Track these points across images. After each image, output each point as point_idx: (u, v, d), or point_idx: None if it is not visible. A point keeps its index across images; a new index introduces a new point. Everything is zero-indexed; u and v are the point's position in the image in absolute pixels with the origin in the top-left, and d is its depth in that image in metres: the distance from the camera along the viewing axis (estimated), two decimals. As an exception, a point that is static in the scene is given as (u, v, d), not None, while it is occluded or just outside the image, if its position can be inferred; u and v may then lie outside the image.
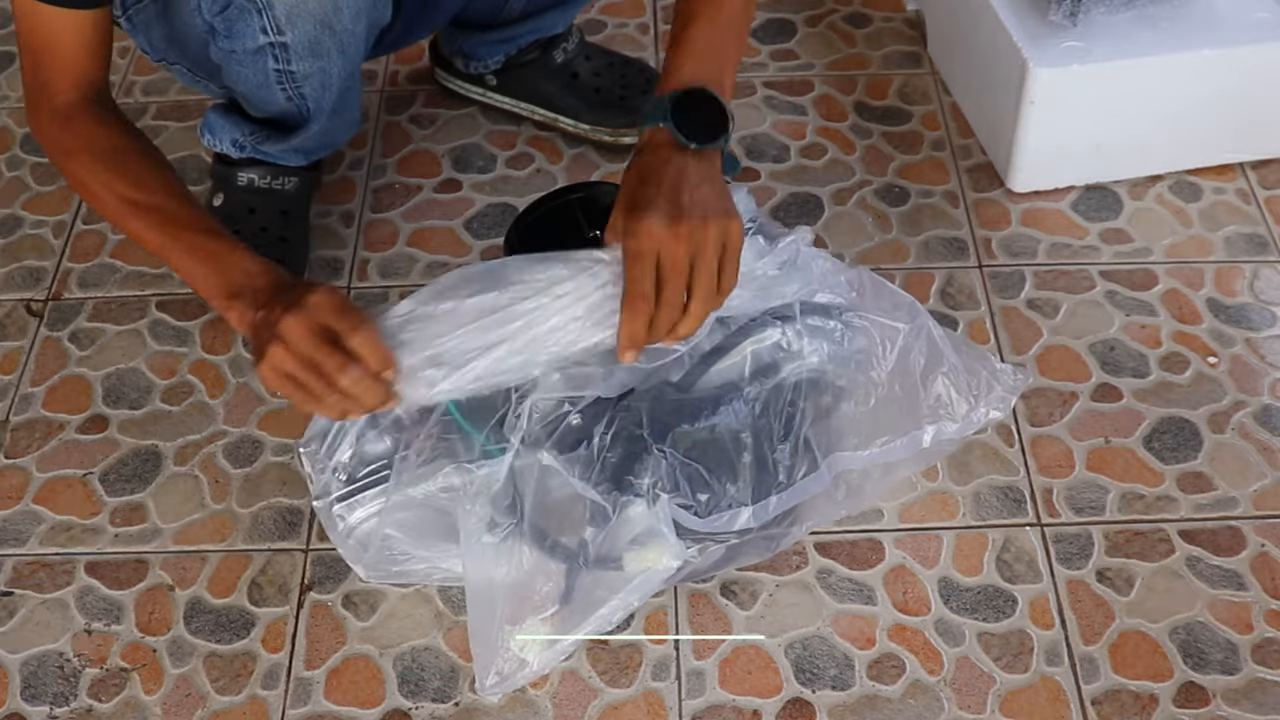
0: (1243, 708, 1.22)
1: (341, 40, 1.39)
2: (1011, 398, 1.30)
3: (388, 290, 1.58)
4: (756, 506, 1.20)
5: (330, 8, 1.36)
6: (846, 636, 1.28)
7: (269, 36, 1.35)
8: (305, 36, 1.36)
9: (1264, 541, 1.34)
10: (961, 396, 1.28)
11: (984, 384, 1.29)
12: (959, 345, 1.29)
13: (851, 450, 1.25)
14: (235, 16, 1.34)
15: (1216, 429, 1.43)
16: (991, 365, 1.30)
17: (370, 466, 1.23)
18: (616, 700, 1.24)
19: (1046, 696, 1.24)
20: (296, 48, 1.37)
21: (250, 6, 1.33)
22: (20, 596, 1.33)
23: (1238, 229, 1.63)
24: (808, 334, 1.21)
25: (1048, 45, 1.57)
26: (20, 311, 1.58)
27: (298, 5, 1.34)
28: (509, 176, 1.71)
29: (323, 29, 1.37)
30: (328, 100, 1.45)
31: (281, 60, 1.38)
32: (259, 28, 1.34)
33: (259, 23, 1.34)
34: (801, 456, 1.23)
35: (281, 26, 1.35)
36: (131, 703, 1.25)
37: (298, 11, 1.34)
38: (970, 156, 1.72)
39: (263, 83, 1.41)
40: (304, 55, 1.38)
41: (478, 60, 1.73)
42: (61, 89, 1.28)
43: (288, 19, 1.34)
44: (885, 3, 1.94)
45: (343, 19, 1.38)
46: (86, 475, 1.42)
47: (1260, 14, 1.61)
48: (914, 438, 1.26)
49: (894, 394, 1.25)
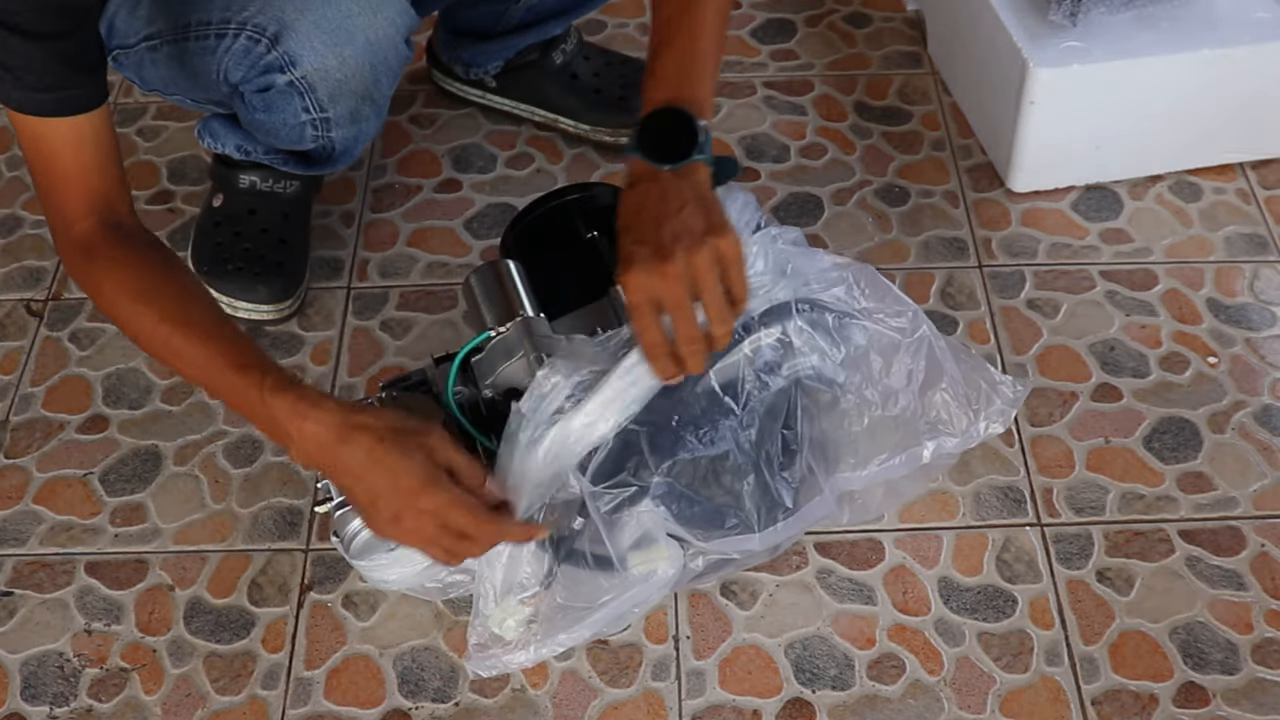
0: (1243, 708, 1.22)
1: (379, 106, 1.42)
2: (1011, 411, 1.30)
3: (388, 290, 1.58)
4: (764, 533, 1.20)
5: (370, 81, 1.37)
6: (846, 636, 1.28)
7: (310, 114, 1.36)
8: (346, 110, 1.37)
9: (1264, 541, 1.34)
10: (961, 410, 1.27)
11: (984, 397, 1.29)
12: (958, 355, 1.29)
13: (851, 470, 1.25)
14: (276, 98, 1.34)
15: (1216, 429, 1.43)
16: (991, 377, 1.30)
17: None
18: (616, 700, 1.24)
19: (1046, 696, 1.24)
20: (338, 120, 1.38)
21: (291, 91, 1.33)
22: (20, 596, 1.33)
23: (1238, 229, 1.63)
24: (807, 331, 1.21)
25: (1048, 45, 1.57)
26: (20, 311, 1.58)
27: (340, 85, 1.34)
28: (509, 176, 1.71)
29: (363, 101, 1.38)
30: (358, 149, 1.47)
31: (321, 129, 1.39)
32: (300, 107, 1.35)
33: (301, 103, 1.35)
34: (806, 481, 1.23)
35: (324, 105, 1.35)
36: (131, 703, 1.25)
37: (340, 91, 1.35)
38: (970, 156, 1.72)
39: (296, 140, 1.42)
40: (344, 124, 1.39)
41: (477, 67, 1.73)
42: (76, 217, 1.19)
43: (330, 99, 1.35)
44: (885, 3, 1.94)
45: (382, 89, 1.39)
46: (86, 475, 1.42)
47: (1260, 14, 1.61)
48: (914, 454, 1.26)
49: (893, 411, 1.25)
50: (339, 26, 1.31)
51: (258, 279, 1.52)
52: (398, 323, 1.55)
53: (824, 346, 1.22)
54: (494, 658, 1.20)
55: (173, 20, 1.35)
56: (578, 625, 1.19)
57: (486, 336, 1.21)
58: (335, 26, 1.31)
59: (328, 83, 1.34)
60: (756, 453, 1.20)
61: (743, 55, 1.86)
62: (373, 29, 1.34)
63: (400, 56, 1.40)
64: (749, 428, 1.19)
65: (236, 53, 1.31)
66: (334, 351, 1.52)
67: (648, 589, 1.19)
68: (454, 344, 1.26)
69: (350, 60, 1.33)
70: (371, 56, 1.35)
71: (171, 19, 1.35)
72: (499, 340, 1.20)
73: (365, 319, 1.56)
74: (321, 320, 1.56)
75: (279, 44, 1.30)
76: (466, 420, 1.21)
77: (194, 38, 1.34)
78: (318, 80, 1.33)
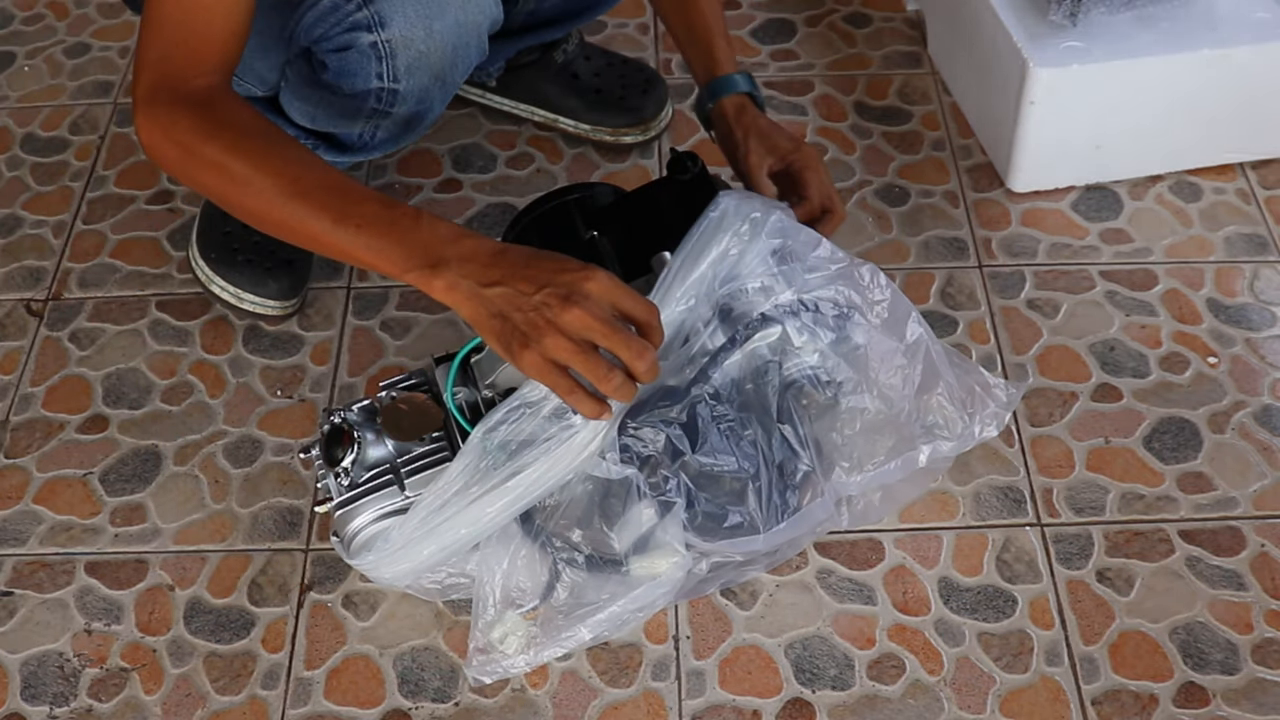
0: (1243, 708, 1.22)
1: (447, 91, 1.40)
2: (1005, 414, 1.30)
3: (388, 290, 1.58)
4: (768, 534, 1.20)
5: (449, 63, 1.35)
6: (846, 636, 1.28)
7: (383, 82, 1.33)
8: (418, 86, 1.35)
9: (1264, 541, 1.34)
10: (957, 414, 1.28)
11: (978, 400, 1.29)
12: (953, 359, 1.29)
13: (847, 475, 1.25)
14: (354, 60, 1.32)
15: (1216, 429, 1.43)
16: (985, 381, 1.30)
17: (371, 471, 1.23)
18: (616, 700, 1.24)
19: (1046, 696, 1.24)
20: (406, 95, 1.35)
21: (372, 53, 1.30)
22: (20, 596, 1.33)
23: (1238, 229, 1.63)
24: (809, 329, 1.21)
25: (1048, 45, 1.57)
26: (20, 311, 1.58)
27: (421, 57, 1.32)
28: (509, 176, 1.71)
29: (435, 81, 1.36)
30: (407, 137, 1.44)
31: (385, 101, 1.36)
32: (375, 73, 1.32)
33: (376, 69, 1.32)
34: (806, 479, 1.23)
35: (399, 75, 1.33)
36: (131, 703, 1.25)
37: (419, 64, 1.33)
38: (970, 156, 1.72)
39: (350, 114, 1.38)
40: (410, 100, 1.36)
41: (480, 68, 1.73)
42: (202, 72, 1.14)
43: (407, 70, 1.33)
44: (885, 3, 1.94)
45: (455, 74, 1.38)
46: (86, 475, 1.42)
47: (1260, 14, 1.61)
48: (910, 458, 1.26)
49: (890, 416, 1.25)
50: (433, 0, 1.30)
51: (269, 274, 1.52)
52: (398, 322, 1.55)
53: (824, 347, 1.22)
54: (494, 663, 1.20)
55: None
56: (579, 626, 1.19)
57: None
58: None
59: (410, 52, 1.31)
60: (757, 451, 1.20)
61: (743, 55, 1.86)
62: (464, 10, 1.32)
63: (480, 48, 1.38)
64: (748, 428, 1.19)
65: (323, 9, 1.30)
66: (334, 351, 1.52)
67: (651, 592, 1.19)
68: (454, 344, 1.26)
69: (437, 34, 1.31)
70: (456, 37, 1.33)
71: None
72: None
73: (365, 319, 1.56)
74: (321, 320, 1.56)
75: (371, 3, 1.28)
76: (465, 420, 1.21)
77: None
78: (400, 47, 1.30)
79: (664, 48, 1.88)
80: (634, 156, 1.72)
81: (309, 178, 1.10)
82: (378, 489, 1.22)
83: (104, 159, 1.75)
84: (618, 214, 1.34)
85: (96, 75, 1.87)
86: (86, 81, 1.86)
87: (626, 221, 1.33)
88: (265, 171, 1.10)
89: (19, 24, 1.96)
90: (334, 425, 1.26)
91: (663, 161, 1.71)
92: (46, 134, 1.79)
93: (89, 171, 1.73)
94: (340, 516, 1.22)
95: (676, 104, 1.78)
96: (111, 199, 1.70)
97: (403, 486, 1.22)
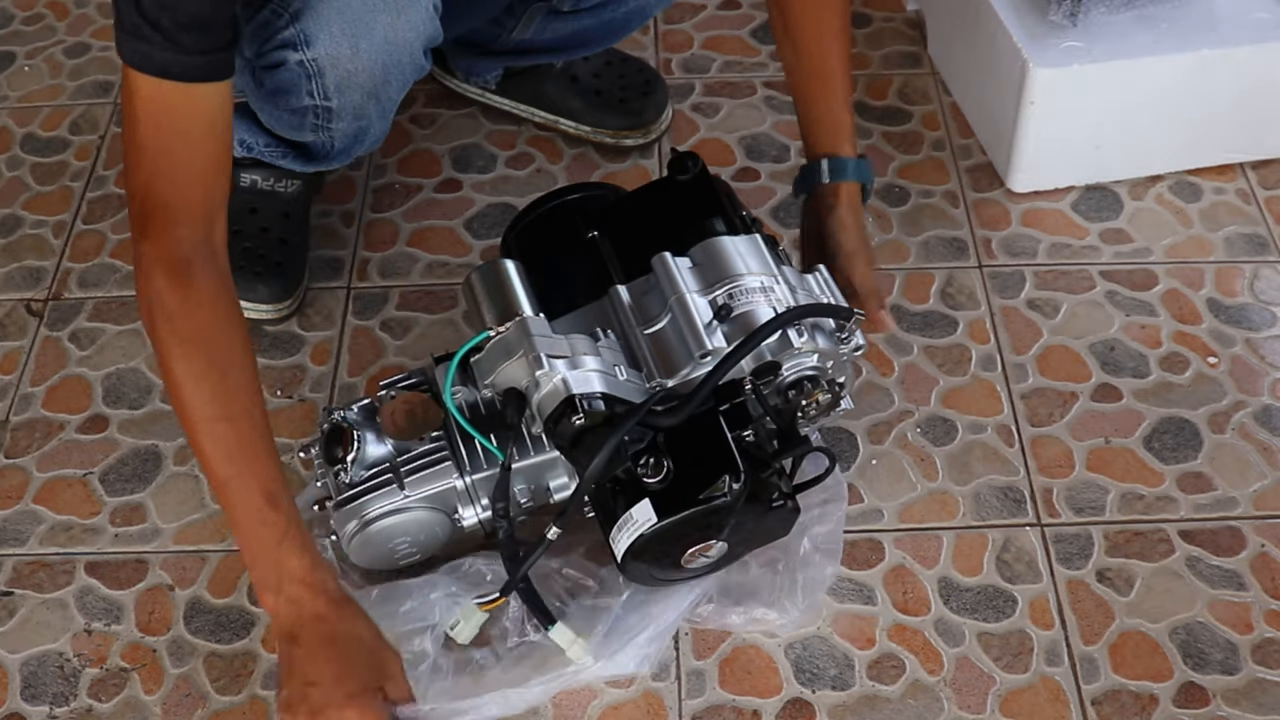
0: (1243, 708, 1.22)
1: (384, 107, 1.40)
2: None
3: (388, 290, 1.58)
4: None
5: (380, 80, 1.35)
6: (846, 636, 1.28)
7: (314, 100, 1.34)
8: (351, 104, 1.36)
9: (1264, 541, 1.34)
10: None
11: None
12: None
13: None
14: (285, 78, 1.33)
15: (1216, 429, 1.43)
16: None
17: (370, 470, 1.23)
18: (617, 700, 1.24)
19: (1046, 696, 1.24)
20: (340, 112, 1.36)
21: (301, 71, 1.31)
22: (20, 596, 1.33)
23: (1238, 229, 1.63)
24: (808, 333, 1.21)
25: (1048, 45, 1.57)
26: (20, 311, 1.58)
27: (350, 76, 1.33)
28: (509, 176, 1.71)
29: (369, 98, 1.37)
30: (357, 150, 1.45)
31: (322, 118, 1.37)
32: (306, 91, 1.34)
33: (307, 87, 1.33)
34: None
35: (329, 94, 1.34)
36: (131, 703, 1.25)
37: (348, 83, 1.33)
38: (970, 156, 1.72)
39: (296, 127, 1.40)
40: (345, 118, 1.37)
41: (477, 76, 1.74)
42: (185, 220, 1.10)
43: (337, 88, 1.33)
44: (885, 3, 1.94)
45: (390, 91, 1.38)
46: (86, 475, 1.42)
47: (1260, 14, 1.61)
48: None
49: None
50: (360, 18, 1.30)
51: (258, 278, 1.52)
52: (398, 322, 1.55)
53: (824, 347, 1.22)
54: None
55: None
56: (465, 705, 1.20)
57: (486, 336, 1.21)
58: (356, 17, 1.30)
59: (337, 70, 1.32)
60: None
61: (743, 55, 1.86)
62: (393, 29, 1.33)
63: (415, 65, 1.38)
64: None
65: (258, 23, 1.30)
66: (334, 351, 1.52)
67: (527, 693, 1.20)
68: (454, 344, 1.26)
69: (364, 53, 1.32)
70: (386, 55, 1.34)
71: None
72: (499, 340, 1.20)
73: (365, 319, 1.56)
74: (321, 320, 1.56)
75: (298, 21, 1.29)
76: (465, 419, 1.21)
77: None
78: (328, 65, 1.31)
79: (663, 47, 1.88)
80: (634, 157, 1.72)
81: (221, 428, 1.10)
82: (377, 488, 1.22)
83: (104, 159, 1.75)
84: (618, 214, 1.34)
85: (96, 75, 1.87)
86: (86, 81, 1.86)
87: (627, 222, 1.33)
88: (191, 392, 1.10)
89: (19, 24, 1.95)
90: (334, 424, 1.26)
91: (663, 162, 1.71)
92: (46, 134, 1.79)
93: (89, 171, 1.73)
94: (339, 515, 1.22)
95: (676, 105, 1.78)
96: (111, 199, 1.70)
97: (402, 485, 1.22)
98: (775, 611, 1.25)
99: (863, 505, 1.36)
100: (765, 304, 1.21)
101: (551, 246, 1.33)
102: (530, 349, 1.17)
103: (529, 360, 1.17)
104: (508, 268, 1.27)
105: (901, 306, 1.54)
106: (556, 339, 1.19)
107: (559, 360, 1.16)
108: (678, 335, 1.21)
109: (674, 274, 1.24)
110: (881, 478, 1.39)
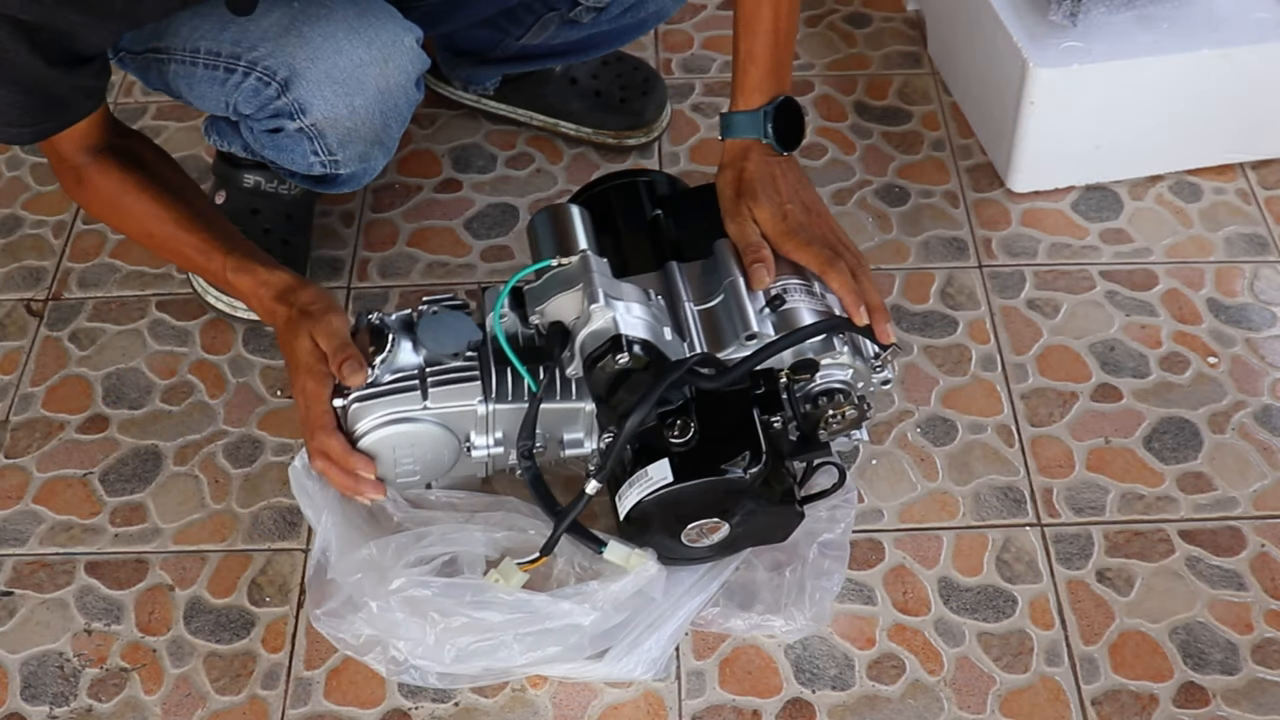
0: (1243, 708, 1.22)
1: (388, 148, 1.40)
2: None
3: (388, 290, 1.58)
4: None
5: (380, 127, 1.35)
6: (846, 636, 1.28)
7: (320, 156, 1.35)
8: (355, 153, 1.36)
9: (1264, 541, 1.34)
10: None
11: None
12: None
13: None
14: (286, 142, 1.33)
15: (1216, 429, 1.43)
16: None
17: (397, 374, 1.22)
18: (616, 700, 1.24)
19: (1046, 696, 1.24)
20: (346, 161, 1.37)
21: (301, 136, 1.32)
22: (20, 596, 1.33)
23: (1238, 229, 1.63)
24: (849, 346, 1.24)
25: (1048, 45, 1.57)
26: (20, 311, 1.58)
27: (350, 132, 1.33)
28: (509, 176, 1.71)
29: (373, 145, 1.37)
30: (366, 179, 1.45)
31: (329, 166, 1.37)
32: (309, 150, 1.34)
33: (310, 146, 1.33)
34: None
35: (333, 150, 1.34)
36: (131, 703, 1.25)
37: (350, 138, 1.34)
38: (970, 156, 1.72)
39: (303, 169, 1.39)
40: (351, 164, 1.38)
41: (475, 85, 1.73)
42: (69, 153, 1.31)
43: (340, 144, 1.34)
44: (885, 3, 1.94)
45: (392, 133, 1.38)
46: (86, 475, 1.42)
47: (1260, 14, 1.61)
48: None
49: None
50: (350, 76, 1.29)
51: None
52: (398, 323, 1.55)
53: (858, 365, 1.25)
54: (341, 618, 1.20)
55: (181, 42, 1.33)
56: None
57: (547, 264, 1.21)
58: (346, 76, 1.29)
59: (338, 130, 1.32)
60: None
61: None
62: (384, 78, 1.32)
63: (410, 101, 1.38)
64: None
65: (246, 91, 1.30)
66: (334, 351, 1.52)
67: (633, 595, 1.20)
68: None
69: (361, 110, 1.32)
70: (382, 105, 1.34)
71: (180, 39, 1.33)
72: (559, 270, 1.21)
73: (365, 319, 1.56)
74: (321, 320, 1.56)
75: (289, 90, 1.28)
76: (506, 343, 1.20)
77: (203, 65, 1.32)
78: (328, 128, 1.32)
79: (663, 47, 1.88)
80: (634, 157, 1.72)
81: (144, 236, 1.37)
82: (399, 391, 1.21)
83: (104, 159, 1.75)
84: (683, 202, 1.38)
85: (96, 75, 1.86)
86: (86, 81, 1.86)
87: (690, 210, 1.36)
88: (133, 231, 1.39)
89: (19, 24, 1.95)
90: (371, 325, 1.25)
91: (662, 160, 1.71)
92: (46, 134, 1.79)
93: (89, 171, 1.73)
94: (355, 410, 1.21)
95: (676, 105, 1.78)
96: (111, 199, 1.70)
97: (425, 394, 1.20)
98: (782, 619, 1.25)
99: (863, 505, 1.36)
100: (814, 307, 1.24)
101: (617, 216, 1.35)
102: (589, 284, 1.18)
103: (585, 294, 1.18)
104: (574, 211, 1.29)
105: (901, 306, 1.54)
106: (615, 282, 1.20)
107: (615, 300, 1.17)
108: (727, 315, 1.24)
109: (732, 259, 1.27)
110: (881, 478, 1.39)
